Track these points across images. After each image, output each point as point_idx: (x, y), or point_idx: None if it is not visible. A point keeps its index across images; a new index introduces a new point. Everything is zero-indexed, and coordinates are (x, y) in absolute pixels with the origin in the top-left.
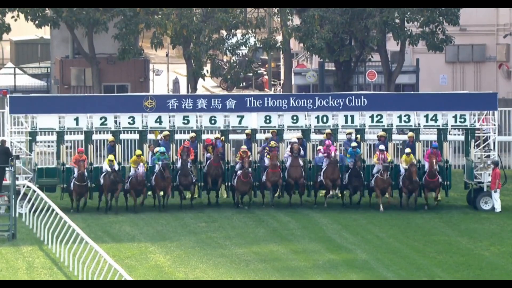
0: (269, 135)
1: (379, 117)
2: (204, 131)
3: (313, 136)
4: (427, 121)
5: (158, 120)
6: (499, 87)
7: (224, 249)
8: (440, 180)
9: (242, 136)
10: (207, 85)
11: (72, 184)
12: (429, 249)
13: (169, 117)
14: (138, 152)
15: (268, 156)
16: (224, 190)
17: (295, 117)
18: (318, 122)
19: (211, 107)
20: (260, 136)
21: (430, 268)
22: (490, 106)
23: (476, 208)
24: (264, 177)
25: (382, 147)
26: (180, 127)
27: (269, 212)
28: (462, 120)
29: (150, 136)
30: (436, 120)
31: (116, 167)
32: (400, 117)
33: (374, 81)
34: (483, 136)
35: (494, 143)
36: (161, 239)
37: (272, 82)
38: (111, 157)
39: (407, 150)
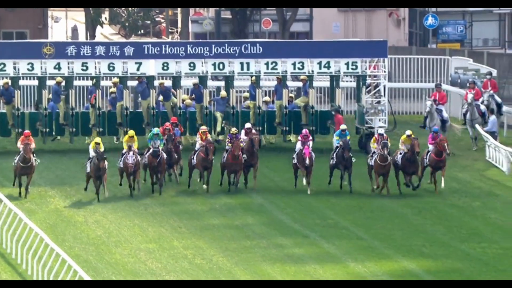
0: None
1: (274, 64)
2: (103, 77)
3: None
4: (320, 68)
5: (57, 66)
6: (389, 35)
7: (123, 193)
8: (446, 159)
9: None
10: (106, 32)
11: (16, 163)
12: (322, 193)
13: (68, 64)
14: (131, 132)
15: (229, 144)
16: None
17: (192, 64)
18: (214, 69)
19: (110, 54)
20: (156, 83)
21: (322, 211)
22: (381, 53)
23: (367, 152)
24: (224, 160)
25: (381, 130)
26: (78, 74)
27: None
28: (354, 67)
29: (49, 83)
30: (329, 67)
31: (102, 149)
32: (294, 64)
33: (269, 29)
34: (374, 83)
35: (384, 89)
36: (60, 184)
37: (170, 30)
38: (97, 139)
39: (408, 132)
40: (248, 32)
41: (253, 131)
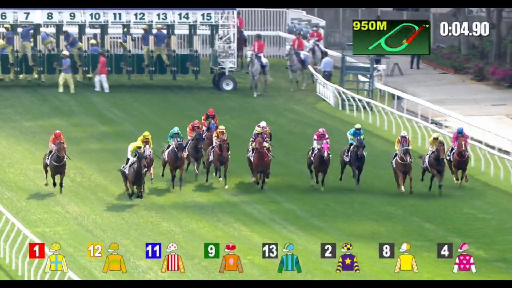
0: None
1: (142, 15)
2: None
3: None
4: (180, 19)
5: None
6: None
7: (15, 122)
8: (469, 159)
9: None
10: None
11: (48, 162)
12: (183, 122)
13: None
14: (146, 133)
15: (253, 144)
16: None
17: (72, 14)
18: (92, 18)
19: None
20: (43, 29)
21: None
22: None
23: (220, 88)
24: (252, 158)
25: (404, 133)
26: None
27: (52, 92)
28: (209, 17)
29: None
30: (187, 18)
31: (148, 151)
32: (159, 15)
33: None
34: (225, 31)
35: (233, 36)
36: None
37: None
38: (139, 143)
39: (435, 135)
40: None
41: (268, 127)
